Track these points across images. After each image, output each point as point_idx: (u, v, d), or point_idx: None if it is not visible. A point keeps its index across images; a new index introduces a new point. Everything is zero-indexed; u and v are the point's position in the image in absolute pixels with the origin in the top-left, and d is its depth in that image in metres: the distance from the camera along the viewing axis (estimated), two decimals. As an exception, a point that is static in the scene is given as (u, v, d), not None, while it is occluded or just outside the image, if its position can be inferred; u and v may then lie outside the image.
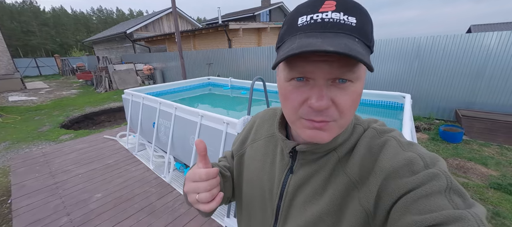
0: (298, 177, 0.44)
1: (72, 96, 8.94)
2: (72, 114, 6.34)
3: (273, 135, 0.52)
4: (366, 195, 0.36)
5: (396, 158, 0.35)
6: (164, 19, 15.19)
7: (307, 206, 0.42)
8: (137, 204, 2.16)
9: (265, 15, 17.36)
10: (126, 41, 13.90)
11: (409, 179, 0.32)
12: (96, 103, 7.40)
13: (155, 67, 10.84)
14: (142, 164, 2.94)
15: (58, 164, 2.98)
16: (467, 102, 4.08)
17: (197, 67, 8.90)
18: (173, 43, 11.65)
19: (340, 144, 0.41)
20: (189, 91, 4.63)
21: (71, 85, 11.90)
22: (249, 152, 0.56)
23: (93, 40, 17.40)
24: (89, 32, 45.42)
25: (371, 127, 0.42)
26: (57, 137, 4.43)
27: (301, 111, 0.36)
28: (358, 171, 0.38)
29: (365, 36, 0.32)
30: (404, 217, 0.30)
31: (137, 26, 13.41)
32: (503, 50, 3.61)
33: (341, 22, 0.31)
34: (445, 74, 4.15)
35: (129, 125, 3.48)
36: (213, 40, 9.72)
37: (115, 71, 9.90)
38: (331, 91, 0.33)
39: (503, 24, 14.96)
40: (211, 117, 2.06)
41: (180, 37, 5.83)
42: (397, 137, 0.39)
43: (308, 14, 0.33)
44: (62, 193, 2.36)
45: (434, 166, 0.33)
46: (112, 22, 47.27)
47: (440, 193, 0.30)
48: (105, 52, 16.86)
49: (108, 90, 9.58)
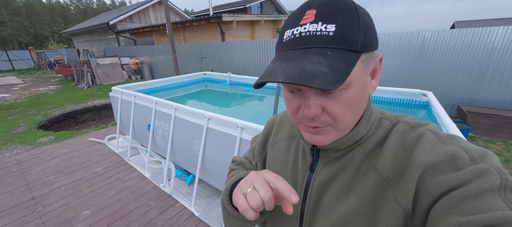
0: (322, 176, 0.43)
1: (50, 93, 8.20)
2: (51, 113, 5.76)
3: (295, 135, 0.51)
4: (403, 192, 0.33)
5: (435, 152, 0.32)
6: (150, 10, 14.36)
7: (334, 207, 0.40)
8: (134, 221, 1.86)
9: (256, 7, 16.96)
10: (109, 33, 13.00)
11: (452, 175, 0.29)
12: (78, 101, 6.80)
13: (143, 61, 10.21)
14: (136, 171, 2.61)
15: (36, 174, 2.58)
16: (469, 98, 4.06)
17: (188, 62, 8.44)
18: (161, 35, 11.00)
19: (363, 137, 0.40)
20: (184, 88, 4.28)
21: (49, 81, 10.98)
22: (270, 154, 0.55)
23: (72, 32, 16.18)
24: (67, 23, 42.48)
25: (402, 121, 0.40)
26: (34, 139, 3.94)
27: (298, 117, 0.38)
28: (390, 167, 0.36)
29: (346, 42, 0.31)
30: (446, 217, 0.27)
31: (121, 17, 12.55)
32: (507, 45, 3.58)
33: (317, 34, 0.31)
34: (448, 69, 4.09)
35: (118, 127, 3.11)
36: (204, 32, 9.25)
37: (98, 66, 9.20)
38: (320, 99, 0.34)
39: (486, 21, 15.58)
40: (221, 119, 1.78)
41: (171, 29, 5.39)
42: (433, 129, 0.36)
43: (291, 28, 0.34)
44: (42, 211, 2.00)
45: (483, 161, 0.28)
46: (92, 13, 44.49)
47: (492, 192, 0.26)
48: (85, 44, 15.75)
49: (91, 86, 8.90)
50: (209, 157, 1.91)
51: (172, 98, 3.62)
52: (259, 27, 10.35)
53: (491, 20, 15.71)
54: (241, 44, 6.80)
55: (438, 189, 0.29)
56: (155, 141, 2.52)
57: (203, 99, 3.89)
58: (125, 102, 2.90)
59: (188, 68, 8.42)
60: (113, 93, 3.12)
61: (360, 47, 0.32)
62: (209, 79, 4.63)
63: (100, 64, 9.29)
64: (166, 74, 9.34)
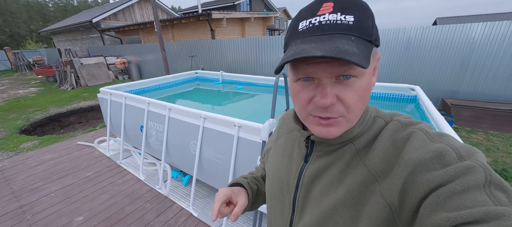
0: (314, 167, 0.45)
1: (31, 96, 7.79)
2: (33, 116, 5.48)
3: (293, 130, 0.54)
4: (389, 187, 0.34)
5: (424, 149, 0.33)
6: (136, 7, 13.88)
7: (323, 198, 0.42)
8: (131, 225, 1.82)
9: (245, 4, 16.84)
10: (93, 31, 12.47)
11: (439, 172, 0.30)
12: (62, 103, 6.51)
13: (130, 61, 9.89)
14: (130, 174, 2.55)
15: (22, 181, 2.46)
16: (452, 91, 4.26)
17: (178, 60, 8.27)
18: (148, 33, 10.69)
19: (357, 135, 0.41)
20: (175, 87, 4.19)
21: (29, 83, 10.41)
22: (273, 149, 0.59)
23: (52, 31, 15.36)
24: (45, 21, 40.21)
25: (394, 120, 0.41)
26: (17, 145, 3.74)
27: (309, 109, 0.38)
28: (379, 163, 0.37)
29: (365, 32, 0.34)
30: (435, 213, 0.28)
31: (104, 14, 12.05)
32: (486, 41, 3.78)
33: (338, 22, 0.33)
34: (432, 64, 4.27)
35: (109, 129, 3.01)
36: (194, 30, 9.08)
37: (83, 66, 8.82)
38: (335, 88, 0.35)
39: (466, 17, 16.32)
40: (217, 119, 1.77)
41: (160, 27, 5.26)
42: (424, 128, 0.37)
43: (307, 19, 0.36)
44: (31, 219, 1.92)
45: (469, 158, 0.30)
46: (73, 10, 42.40)
47: (478, 188, 0.27)
48: (67, 44, 15.01)
49: (75, 88, 8.53)
50: (206, 157, 1.89)
51: (163, 98, 3.54)
52: (249, 24, 10.30)
53: (471, 16, 16.47)
54: (232, 42, 6.73)
55: (426, 186, 0.30)
56: (148, 142, 2.47)
57: (196, 98, 3.83)
58: (115, 103, 2.81)
59: (177, 67, 8.26)
60: (101, 94, 3.02)
61: (374, 39, 0.34)
62: (201, 78, 4.57)
63: (84, 64, 8.91)
64: (155, 74, 9.11)
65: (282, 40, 5.84)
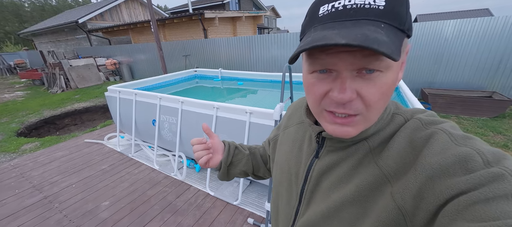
0: (324, 162, 0.43)
1: (19, 99, 7.59)
2: (27, 120, 5.44)
3: (303, 121, 0.52)
4: (402, 191, 0.32)
5: (446, 153, 0.30)
6: (123, 7, 13.64)
7: (331, 193, 0.41)
8: (156, 205, 2.05)
9: (234, 3, 16.93)
10: (78, 32, 12.15)
11: (462, 178, 0.27)
12: (55, 106, 6.44)
13: (121, 62, 9.80)
14: (143, 165, 2.74)
15: (39, 176, 2.58)
16: (429, 82, 4.76)
17: (172, 60, 8.34)
18: (138, 33, 10.62)
19: (372, 134, 0.38)
20: (175, 85, 4.37)
21: (13, 87, 10.04)
22: (281, 137, 0.59)
23: (33, 32, 14.74)
24: (22, 22, 38.05)
25: (415, 117, 0.37)
26: (18, 147, 3.79)
27: (323, 103, 0.35)
28: (393, 165, 0.35)
29: (398, 19, 0.29)
30: (454, 223, 0.26)
31: (90, 14, 11.77)
32: (456, 36, 4.27)
33: (366, 7, 0.29)
34: (413, 58, 4.73)
35: (118, 125, 3.17)
36: (186, 30, 9.17)
37: (72, 68, 8.66)
38: (356, 83, 0.31)
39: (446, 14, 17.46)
40: (229, 107, 2.03)
41: (157, 27, 5.37)
42: (448, 129, 0.33)
43: (330, 2, 0.31)
44: (59, 206, 2.08)
45: (497, 164, 0.26)
46: (52, 10, 40.34)
47: (505, 198, 0.24)
48: (50, 45, 14.47)
49: (65, 90, 8.38)
50: (220, 142, 2.14)
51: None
52: (241, 23, 10.50)
53: (447, 13, 17.64)
54: (225, 41, 6.93)
55: (446, 193, 0.27)
56: (161, 134, 2.67)
57: (196, 96, 4.02)
58: (125, 100, 2.98)
59: (171, 67, 8.33)
60: (109, 93, 3.16)
61: (407, 28, 0.30)
62: (200, 76, 4.77)
63: (74, 66, 8.75)
64: (148, 74, 9.12)
65: (273, 38, 6.10)
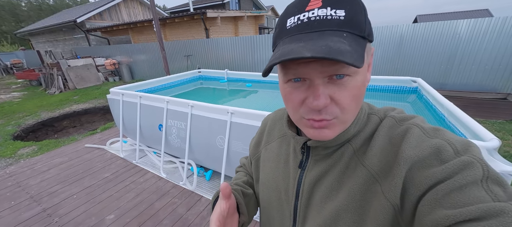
0: (313, 173, 0.43)
1: (16, 101, 7.37)
2: (24, 122, 5.24)
3: (285, 134, 0.51)
4: (391, 187, 0.33)
5: (421, 146, 0.32)
6: (122, 6, 13.42)
7: (325, 204, 0.41)
8: (166, 219, 1.88)
9: (235, 3, 16.79)
10: (76, 31, 11.91)
11: (438, 168, 0.29)
12: (52, 107, 6.24)
13: (120, 62, 9.60)
14: (149, 173, 2.57)
15: (37, 186, 2.40)
16: (441, 83, 4.62)
17: (173, 60, 8.16)
18: (138, 33, 10.42)
19: (353, 135, 0.40)
20: (178, 87, 4.20)
21: (9, 87, 9.80)
22: (264, 155, 0.55)
23: (31, 31, 14.47)
24: (18, 21, 37.61)
25: (388, 116, 0.40)
26: (14, 151, 3.59)
27: (301, 111, 0.36)
28: (378, 163, 0.36)
29: (358, 27, 0.32)
30: (434, 211, 0.28)
31: (89, 14, 11.54)
32: (471, 36, 4.14)
33: (328, 18, 0.31)
34: (423, 58, 4.60)
35: (121, 130, 2.99)
36: (187, 29, 8.99)
37: (70, 68, 8.45)
38: (328, 89, 0.33)
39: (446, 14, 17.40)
40: (245, 113, 1.87)
41: (159, 26, 5.20)
42: (419, 123, 0.36)
43: (295, 15, 0.33)
44: (60, 221, 1.91)
45: (466, 153, 0.29)
46: (49, 10, 39.93)
47: (475, 184, 0.27)
48: (47, 45, 14.20)
49: (63, 91, 8.16)
50: (235, 150, 1.98)
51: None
52: (242, 23, 10.35)
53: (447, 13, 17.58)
54: (228, 41, 6.77)
55: (424, 183, 0.30)
56: (168, 140, 2.51)
57: (200, 98, 3.86)
58: (128, 103, 2.80)
59: (173, 67, 8.15)
60: (111, 95, 2.99)
61: (367, 35, 0.33)
62: (205, 77, 4.60)
63: (72, 66, 8.53)
64: (148, 75, 8.94)
65: (279, 38, 5.96)
